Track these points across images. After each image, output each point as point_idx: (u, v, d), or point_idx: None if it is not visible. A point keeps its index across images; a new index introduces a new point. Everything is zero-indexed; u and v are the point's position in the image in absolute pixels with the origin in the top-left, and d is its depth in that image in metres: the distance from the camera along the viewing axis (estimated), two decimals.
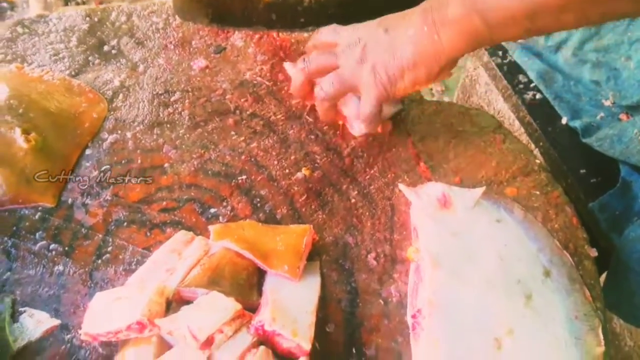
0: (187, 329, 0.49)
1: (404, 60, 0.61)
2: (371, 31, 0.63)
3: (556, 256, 0.61)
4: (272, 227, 0.60)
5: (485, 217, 0.63)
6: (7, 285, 0.57)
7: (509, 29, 0.58)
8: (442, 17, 0.59)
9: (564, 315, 0.56)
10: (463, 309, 0.54)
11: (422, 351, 0.52)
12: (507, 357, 0.52)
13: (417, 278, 0.57)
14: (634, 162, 0.80)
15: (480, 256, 0.58)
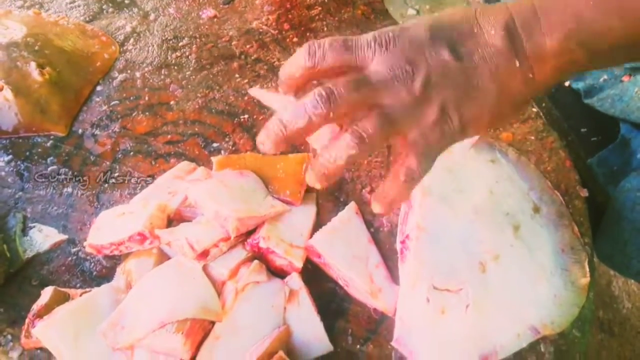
0: (186, 241, 0.52)
1: (485, 104, 0.44)
2: (425, 49, 0.43)
3: (547, 195, 0.62)
4: (272, 156, 0.62)
5: (480, 157, 0.64)
6: (19, 203, 0.61)
7: (614, 60, 0.48)
8: (538, 50, 0.43)
9: (550, 247, 0.58)
10: (450, 233, 0.56)
11: (407, 270, 0.54)
12: (490, 280, 0.54)
13: (408, 207, 0.59)
14: (633, 119, 0.81)
15: (471, 189, 0.60)
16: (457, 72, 0.43)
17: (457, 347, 0.51)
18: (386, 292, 0.54)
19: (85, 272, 0.56)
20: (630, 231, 0.71)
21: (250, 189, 0.59)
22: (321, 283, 0.56)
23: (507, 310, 0.53)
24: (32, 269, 0.56)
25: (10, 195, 0.61)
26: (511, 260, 0.55)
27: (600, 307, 1.12)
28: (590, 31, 0.43)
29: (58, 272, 0.56)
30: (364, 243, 0.58)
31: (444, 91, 0.43)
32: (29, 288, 0.55)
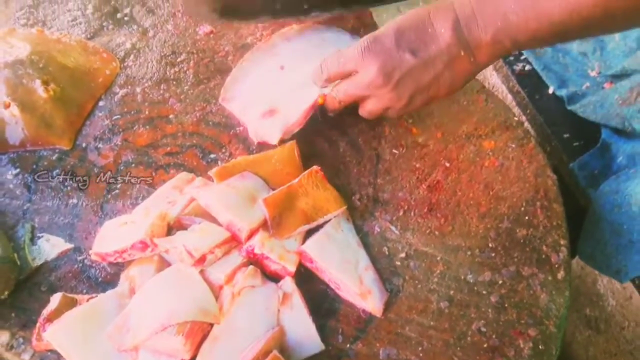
0: (184, 248, 0.56)
1: (442, 86, 0.62)
2: (394, 58, 0.60)
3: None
4: (264, 153, 0.66)
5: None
6: (27, 214, 0.64)
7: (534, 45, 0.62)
8: (476, 41, 0.59)
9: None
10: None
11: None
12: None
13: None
14: (613, 125, 0.84)
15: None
16: (420, 69, 0.60)
17: None
18: (375, 294, 0.57)
19: (91, 278, 0.59)
20: (609, 232, 0.75)
21: (255, 189, 0.63)
22: (313, 285, 0.59)
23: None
24: (41, 275, 0.59)
25: (18, 206, 0.65)
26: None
27: (587, 305, 1.15)
28: (513, 28, 0.57)
29: (65, 279, 0.59)
30: (353, 247, 0.61)
31: (411, 85, 0.61)
32: (38, 294, 0.58)
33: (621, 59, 0.90)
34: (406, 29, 0.60)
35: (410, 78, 0.60)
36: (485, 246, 0.62)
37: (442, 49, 0.59)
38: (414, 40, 0.60)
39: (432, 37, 0.59)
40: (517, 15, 0.56)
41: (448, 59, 0.60)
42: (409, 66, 0.60)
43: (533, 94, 0.98)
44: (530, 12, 0.56)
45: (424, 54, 0.60)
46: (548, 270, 0.61)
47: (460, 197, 0.67)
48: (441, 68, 0.60)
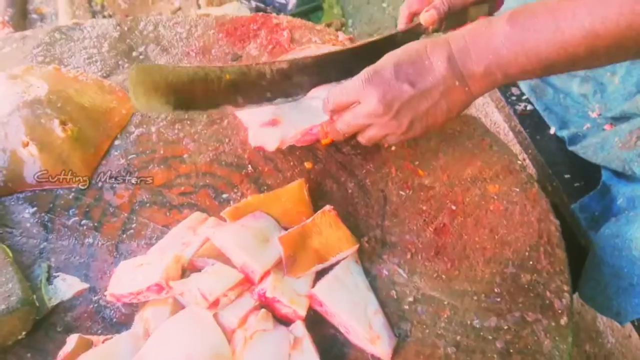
0: (198, 291, 0.57)
1: (439, 114, 0.66)
2: (394, 89, 0.64)
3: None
4: (274, 192, 0.69)
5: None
6: (44, 253, 0.66)
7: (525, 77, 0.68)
8: (470, 72, 0.63)
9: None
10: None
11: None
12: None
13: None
14: (614, 167, 0.87)
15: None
16: (417, 99, 0.65)
17: None
18: (384, 339, 0.59)
19: (106, 319, 0.61)
20: (610, 275, 0.77)
21: (267, 229, 0.65)
22: (323, 329, 0.61)
23: None
24: (56, 315, 0.61)
25: (35, 245, 0.66)
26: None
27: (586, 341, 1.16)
28: (504, 62, 0.62)
29: (81, 319, 0.61)
30: (363, 291, 0.63)
31: (409, 113, 0.65)
32: (54, 334, 0.59)
33: (621, 102, 0.93)
34: (404, 62, 0.65)
35: (409, 106, 0.65)
36: (491, 291, 0.64)
37: (438, 79, 0.64)
38: (412, 72, 0.64)
39: (429, 69, 0.64)
40: (507, 50, 0.61)
41: (444, 88, 0.64)
42: (408, 96, 0.64)
43: (534, 134, 1.01)
44: (519, 48, 0.61)
45: (421, 84, 0.64)
46: (551, 316, 0.62)
47: (467, 241, 0.69)
48: (437, 97, 0.65)
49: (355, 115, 0.67)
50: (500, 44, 0.61)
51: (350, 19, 2.32)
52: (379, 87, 0.64)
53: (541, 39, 0.59)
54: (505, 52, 0.61)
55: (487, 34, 0.62)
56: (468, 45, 0.63)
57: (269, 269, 0.60)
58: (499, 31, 0.61)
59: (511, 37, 0.61)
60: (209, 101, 0.69)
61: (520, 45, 0.61)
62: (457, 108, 0.67)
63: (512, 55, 0.61)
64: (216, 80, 0.68)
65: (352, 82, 0.66)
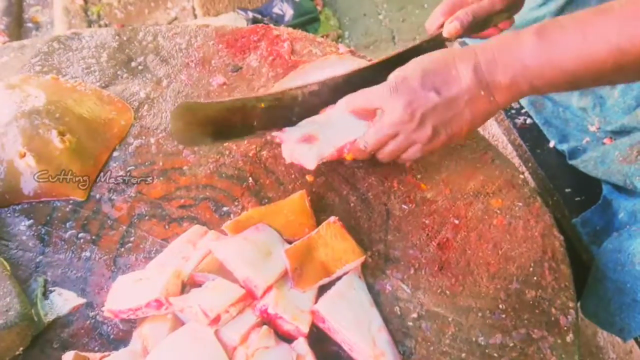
0: (199, 308, 0.56)
1: (463, 122, 0.67)
2: (420, 97, 0.65)
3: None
4: (275, 204, 0.68)
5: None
6: (40, 266, 0.64)
7: (551, 90, 0.67)
8: (496, 83, 0.64)
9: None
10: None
11: None
12: None
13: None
14: (614, 182, 0.86)
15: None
16: (443, 107, 0.65)
17: None
18: (388, 356, 0.57)
19: (103, 335, 0.59)
20: (612, 290, 0.76)
21: (270, 242, 0.64)
22: (326, 346, 0.59)
23: None
24: (52, 332, 0.59)
25: (31, 259, 0.65)
26: None
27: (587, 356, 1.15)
28: (529, 74, 0.63)
29: (77, 336, 0.59)
30: (366, 307, 0.62)
31: (434, 120, 0.66)
32: (50, 351, 0.58)
33: (620, 115, 0.93)
34: (431, 70, 0.65)
35: (435, 114, 0.65)
36: (495, 307, 0.63)
37: (463, 89, 0.65)
38: (438, 80, 0.65)
39: (455, 78, 0.65)
40: (534, 62, 0.62)
41: (469, 98, 0.65)
42: (433, 104, 0.65)
43: (534, 148, 1.01)
44: (545, 60, 0.61)
45: (447, 93, 0.65)
46: (557, 333, 0.61)
47: (470, 256, 0.68)
48: (462, 106, 0.65)
49: (379, 127, 0.68)
50: (528, 56, 0.62)
51: (346, 31, 2.33)
52: (405, 95, 0.65)
53: (568, 53, 0.60)
54: (532, 63, 0.62)
55: (515, 45, 0.63)
56: (495, 56, 0.63)
57: (272, 283, 0.59)
58: (526, 43, 0.62)
59: (538, 49, 0.61)
60: (245, 129, 0.71)
61: (546, 57, 0.61)
62: (482, 117, 0.67)
63: (538, 67, 0.62)
64: (252, 109, 0.70)
65: (378, 89, 0.67)
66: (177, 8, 2.38)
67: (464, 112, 0.66)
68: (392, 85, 0.66)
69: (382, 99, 0.66)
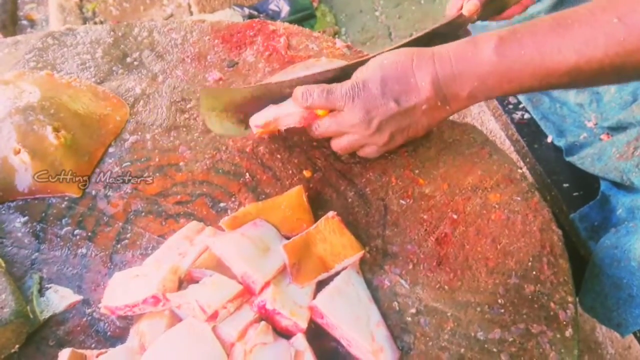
0: (196, 304, 0.55)
1: (419, 128, 0.71)
2: (379, 105, 0.67)
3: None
4: (273, 199, 0.68)
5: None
6: (35, 264, 0.63)
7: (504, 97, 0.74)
8: (454, 94, 0.67)
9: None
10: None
11: None
12: None
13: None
14: (611, 178, 0.86)
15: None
16: (401, 116, 0.68)
17: None
18: (387, 352, 0.57)
19: (100, 332, 0.59)
20: (609, 286, 0.76)
21: (268, 238, 0.64)
22: (324, 342, 0.59)
23: None
24: (48, 329, 0.59)
25: (26, 256, 0.64)
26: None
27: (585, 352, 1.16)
28: (488, 88, 0.66)
29: (74, 333, 0.58)
30: (364, 302, 0.61)
31: (392, 128, 0.69)
32: (46, 349, 0.57)
33: (617, 111, 0.93)
34: (391, 77, 0.67)
35: (392, 121, 0.69)
36: (494, 302, 0.63)
37: (422, 100, 0.67)
38: (397, 89, 0.67)
39: (414, 88, 0.67)
40: (492, 80, 0.65)
41: (427, 107, 0.68)
42: (392, 113, 0.68)
43: (532, 143, 1.00)
44: (503, 77, 0.65)
45: (405, 103, 0.68)
46: (556, 328, 0.61)
47: (469, 251, 0.68)
48: (420, 115, 0.69)
49: (338, 122, 0.70)
50: (486, 73, 0.65)
51: (343, 27, 2.32)
52: (364, 102, 0.67)
53: (526, 71, 0.63)
54: (489, 79, 0.65)
55: (473, 59, 0.65)
56: (454, 71, 0.66)
57: (270, 279, 0.58)
58: (485, 60, 0.64)
59: (497, 67, 0.64)
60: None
61: (505, 75, 0.64)
62: (436, 122, 0.72)
63: (497, 84, 0.65)
64: (278, 93, 0.72)
65: (339, 91, 0.68)
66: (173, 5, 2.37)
67: (421, 120, 0.69)
68: (352, 90, 0.67)
69: (341, 102, 0.68)
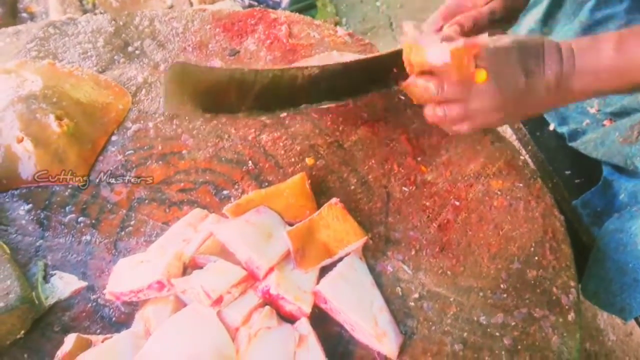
0: (201, 289, 0.56)
1: (529, 114, 0.72)
2: (510, 74, 0.64)
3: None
4: (275, 187, 0.68)
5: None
6: (39, 251, 0.64)
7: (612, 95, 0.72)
8: (570, 89, 0.65)
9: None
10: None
11: None
12: None
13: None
14: (615, 163, 0.86)
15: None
16: (520, 93, 0.65)
17: None
18: (390, 336, 0.57)
19: (105, 318, 0.59)
20: (614, 271, 0.76)
21: (271, 224, 0.64)
22: (328, 327, 0.59)
23: None
24: (53, 315, 0.59)
25: (31, 243, 0.64)
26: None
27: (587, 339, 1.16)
28: (600, 82, 0.65)
29: (78, 319, 0.59)
30: (367, 287, 0.62)
31: (510, 105, 0.66)
32: (51, 334, 0.57)
33: (620, 97, 0.92)
34: (526, 54, 0.65)
35: (515, 98, 0.65)
36: (496, 287, 0.63)
37: (544, 87, 0.65)
38: (530, 67, 0.65)
39: (542, 72, 0.65)
40: (607, 74, 0.64)
41: (543, 95, 0.66)
42: (518, 87, 0.65)
43: (534, 131, 1.00)
44: (618, 73, 0.63)
45: (531, 84, 0.65)
46: (559, 312, 0.62)
47: (471, 237, 0.68)
48: (536, 101, 0.66)
49: (463, 83, 0.64)
50: (603, 68, 0.64)
51: (344, 17, 2.31)
52: (500, 65, 0.64)
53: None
54: (604, 75, 0.64)
55: (595, 57, 0.64)
56: (577, 65, 0.64)
57: (274, 264, 0.59)
58: (604, 55, 0.63)
59: (616, 65, 0.63)
60: (239, 105, 0.69)
61: (620, 71, 0.63)
62: (541, 111, 0.76)
63: (609, 79, 0.64)
64: (251, 84, 0.68)
65: (493, 45, 0.64)
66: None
67: (535, 107, 0.68)
68: (504, 51, 0.64)
69: (487, 58, 0.64)
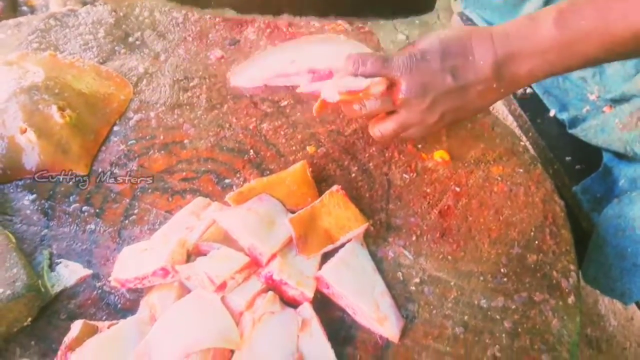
0: (205, 275, 0.57)
1: (469, 111, 0.68)
2: (436, 76, 0.64)
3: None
4: (277, 175, 0.68)
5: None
6: (45, 240, 0.64)
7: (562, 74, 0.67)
8: (512, 74, 0.64)
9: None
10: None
11: None
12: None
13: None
14: (615, 149, 0.86)
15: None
16: (455, 92, 0.65)
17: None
18: (391, 320, 0.58)
19: (110, 305, 0.60)
20: (614, 256, 0.77)
21: (273, 212, 0.64)
22: (330, 311, 0.60)
23: None
24: (59, 303, 0.60)
25: (36, 232, 0.65)
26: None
27: (588, 324, 1.17)
28: (549, 63, 0.62)
29: (84, 306, 0.60)
30: (369, 273, 0.62)
31: (444, 105, 0.65)
32: (57, 322, 0.58)
33: (620, 84, 0.93)
34: (450, 53, 0.64)
35: (446, 98, 0.65)
36: (497, 272, 0.64)
37: (479, 80, 0.64)
38: (456, 65, 0.64)
39: (472, 66, 0.64)
40: (554, 54, 0.61)
41: (482, 88, 0.65)
42: (448, 88, 0.64)
43: (535, 117, 1.01)
44: (566, 51, 0.61)
45: (462, 80, 0.64)
46: (559, 295, 0.62)
47: (472, 222, 0.68)
48: (474, 95, 0.65)
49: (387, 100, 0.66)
50: (547, 48, 0.61)
51: None
52: (422, 74, 0.64)
53: (589, 42, 0.60)
54: (551, 56, 0.62)
55: (534, 37, 0.62)
56: (513, 49, 0.63)
57: (276, 251, 0.59)
58: (545, 34, 0.61)
59: (558, 41, 0.60)
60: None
61: (567, 48, 0.61)
62: (487, 105, 0.69)
63: (558, 58, 0.62)
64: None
65: (398, 60, 0.64)
66: None
67: (474, 101, 0.66)
68: (410, 60, 0.64)
69: (397, 72, 0.64)
